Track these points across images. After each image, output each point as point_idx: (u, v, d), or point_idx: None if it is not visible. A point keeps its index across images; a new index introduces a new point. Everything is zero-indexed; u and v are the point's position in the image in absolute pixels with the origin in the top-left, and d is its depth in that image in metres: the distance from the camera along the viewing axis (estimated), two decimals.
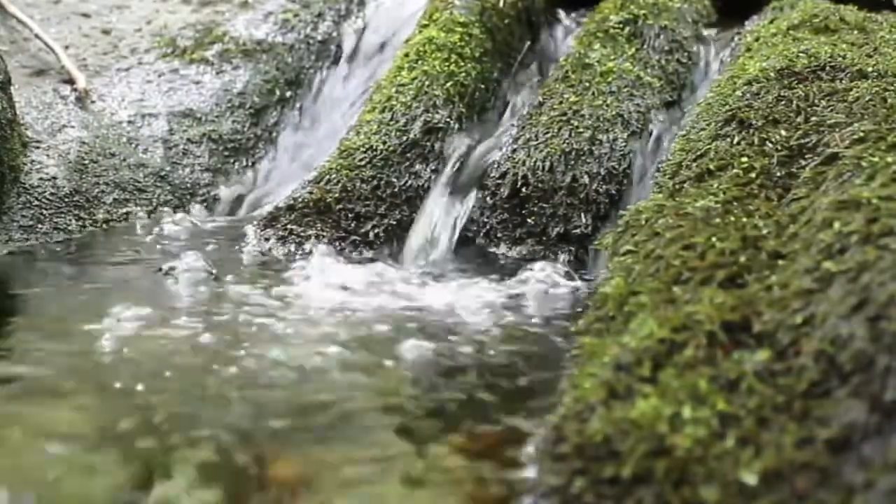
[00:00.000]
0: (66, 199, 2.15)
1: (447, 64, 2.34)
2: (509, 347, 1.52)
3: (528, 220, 2.04)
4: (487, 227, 2.08)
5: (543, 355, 1.51)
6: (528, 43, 2.66)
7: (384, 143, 2.18)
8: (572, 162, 2.05)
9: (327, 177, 2.13)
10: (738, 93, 1.88)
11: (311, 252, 1.98)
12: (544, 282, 1.87)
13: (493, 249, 2.05)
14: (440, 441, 1.20)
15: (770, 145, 1.66)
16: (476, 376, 1.42)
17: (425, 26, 2.47)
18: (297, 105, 2.65)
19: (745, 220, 1.41)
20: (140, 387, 1.32)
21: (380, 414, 1.29)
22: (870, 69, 1.85)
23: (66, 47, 2.61)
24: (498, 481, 1.09)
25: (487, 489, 1.08)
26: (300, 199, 2.09)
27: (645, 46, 2.39)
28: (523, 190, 2.05)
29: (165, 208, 2.30)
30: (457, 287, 1.81)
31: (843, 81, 1.82)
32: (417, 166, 2.17)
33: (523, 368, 1.45)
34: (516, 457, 1.12)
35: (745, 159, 1.63)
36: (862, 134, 1.50)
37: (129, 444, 1.16)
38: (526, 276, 1.86)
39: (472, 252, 2.06)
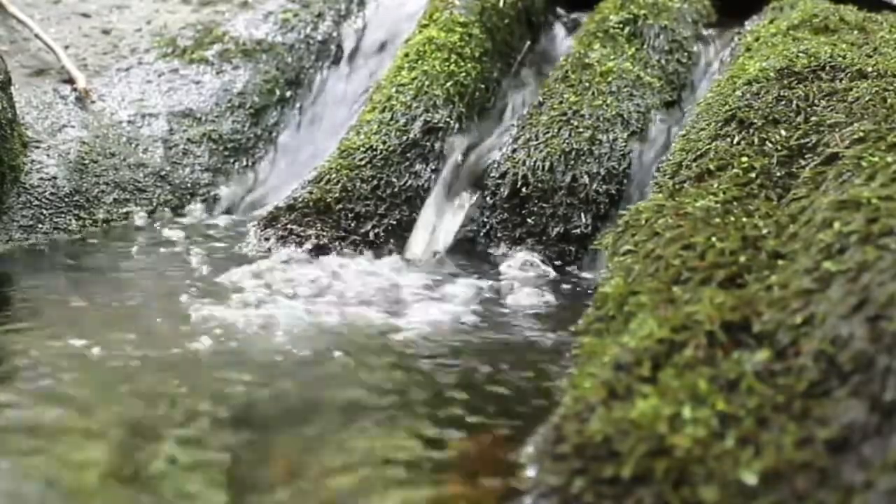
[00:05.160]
0: (66, 199, 2.15)
1: (447, 64, 2.34)
2: (510, 346, 1.52)
3: (528, 220, 2.04)
4: (487, 226, 2.08)
5: (544, 354, 1.51)
6: (528, 43, 2.66)
7: (384, 142, 2.18)
8: (572, 162, 2.05)
9: (327, 177, 2.13)
10: (738, 93, 1.88)
11: (311, 250, 1.98)
12: (544, 280, 1.88)
13: (492, 249, 2.05)
14: (439, 440, 1.20)
15: (770, 145, 1.66)
16: (476, 375, 1.42)
17: (425, 26, 2.47)
18: (297, 105, 2.65)
19: (745, 220, 1.41)
20: (141, 384, 1.32)
21: (377, 413, 1.29)
22: (870, 69, 1.85)
23: (66, 47, 2.61)
24: (498, 481, 1.09)
25: (487, 489, 1.08)
26: (300, 199, 2.09)
27: (645, 46, 2.39)
28: (523, 190, 2.05)
29: (165, 208, 2.30)
30: (456, 286, 1.81)
31: (843, 81, 1.82)
32: (417, 166, 2.17)
33: (524, 367, 1.45)
34: (516, 457, 1.12)
35: (745, 159, 1.64)
36: (862, 134, 1.50)
37: (128, 439, 1.16)
38: (524, 275, 1.87)
39: (472, 252, 2.06)
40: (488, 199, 2.09)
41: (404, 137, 2.19)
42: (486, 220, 2.08)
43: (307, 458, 1.15)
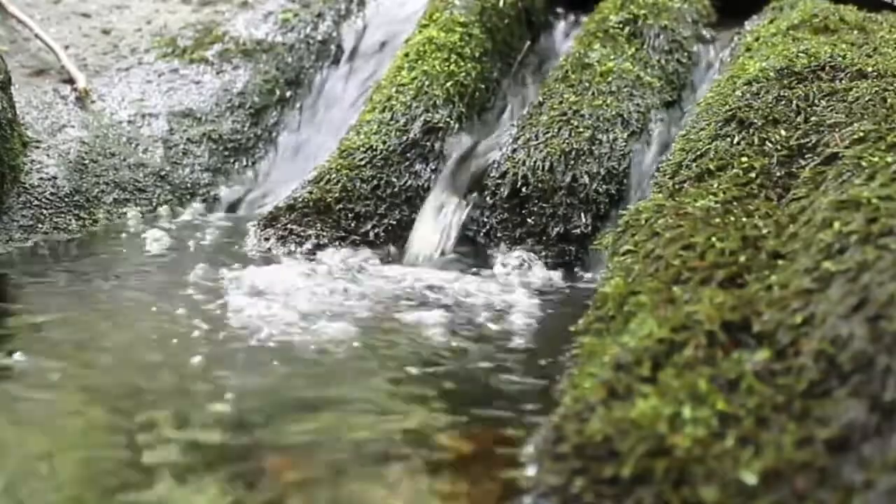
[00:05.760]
0: (66, 199, 2.15)
1: (447, 64, 2.34)
2: (510, 346, 1.52)
3: (528, 220, 2.03)
4: (487, 226, 2.08)
5: (544, 354, 1.51)
6: (528, 43, 2.66)
7: (384, 142, 2.18)
8: (572, 162, 2.05)
9: (327, 177, 2.13)
10: (738, 93, 1.88)
11: (311, 250, 1.98)
12: (543, 280, 1.88)
13: (493, 249, 2.05)
14: (439, 440, 1.20)
15: (770, 145, 1.66)
16: (476, 374, 1.42)
17: (425, 26, 2.47)
18: (297, 105, 2.65)
19: (745, 220, 1.41)
20: (138, 383, 1.33)
21: (377, 412, 1.29)
22: (869, 69, 1.85)
23: (66, 47, 2.61)
24: (497, 481, 1.09)
25: (487, 489, 1.08)
26: (300, 199, 2.09)
27: (645, 46, 2.39)
28: (523, 190, 2.04)
29: (165, 208, 2.30)
30: (456, 286, 1.81)
31: (843, 81, 1.82)
32: (417, 166, 2.17)
33: (524, 367, 1.45)
34: (516, 457, 1.12)
35: (744, 159, 1.64)
36: (862, 134, 1.50)
37: (124, 438, 1.16)
38: (524, 275, 1.87)
39: (472, 251, 2.06)
40: (488, 199, 2.09)
41: (404, 137, 2.19)
42: (486, 220, 2.08)
43: (306, 455, 1.15)
